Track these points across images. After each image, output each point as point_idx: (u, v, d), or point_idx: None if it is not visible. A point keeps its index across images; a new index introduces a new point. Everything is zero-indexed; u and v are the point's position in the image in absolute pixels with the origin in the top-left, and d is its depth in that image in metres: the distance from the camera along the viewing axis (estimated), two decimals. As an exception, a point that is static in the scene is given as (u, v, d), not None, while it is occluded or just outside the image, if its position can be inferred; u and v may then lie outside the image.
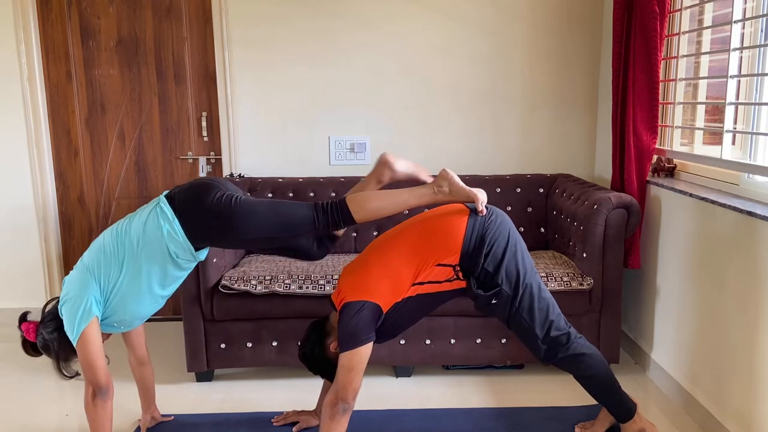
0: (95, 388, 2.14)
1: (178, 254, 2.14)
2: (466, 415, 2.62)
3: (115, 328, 2.28)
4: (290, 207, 2.15)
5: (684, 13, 2.86)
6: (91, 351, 2.11)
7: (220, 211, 2.08)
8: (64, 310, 2.14)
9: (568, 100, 3.64)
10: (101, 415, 2.16)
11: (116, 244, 2.14)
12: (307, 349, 2.29)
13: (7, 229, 3.70)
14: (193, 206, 2.11)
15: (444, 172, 2.19)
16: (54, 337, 2.18)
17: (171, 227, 2.10)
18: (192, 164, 3.74)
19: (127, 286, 2.14)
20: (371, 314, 2.13)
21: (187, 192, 2.15)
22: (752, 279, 2.20)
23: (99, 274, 2.13)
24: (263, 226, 2.11)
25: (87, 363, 2.12)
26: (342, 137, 3.65)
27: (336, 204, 2.13)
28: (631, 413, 2.32)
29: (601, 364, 2.28)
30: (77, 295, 2.12)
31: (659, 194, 2.89)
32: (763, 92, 2.40)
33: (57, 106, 3.67)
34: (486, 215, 2.19)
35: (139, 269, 2.13)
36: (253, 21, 3.52)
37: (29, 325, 2.23)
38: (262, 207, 2.13)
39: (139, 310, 2.23)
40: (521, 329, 2.23)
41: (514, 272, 2.16)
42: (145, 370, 2.48)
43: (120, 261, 2.12)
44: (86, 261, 2.16)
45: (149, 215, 2.13)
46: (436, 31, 3.55)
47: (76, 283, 2.14)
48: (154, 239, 2.10)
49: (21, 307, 3.75)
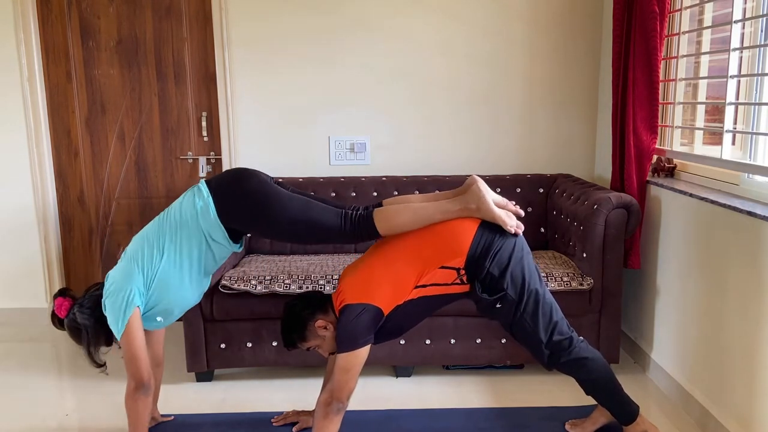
0: (137, 383, 2.15)
1: (212, 234, 2.17)
2: (466, 415, 2.62)
3: (158, 323, 2.29)
4: (321, 212, 2.19)
5: (684, 13, 2.85)
6: (135, 344, 2.13)
7: (254, 197, 2.15)
8: (108, 303, 2.15)
9: (568, 100, 3.64)
10: (141, 409, 2.17)
11: (157, 229, 2.19)
12: (299, 306, 2.26)
13: (7, 229, 3.70)
14: (229, 187, 2.19)
15: (476, 187, 2.16)
16: (89, 323, 2.19)
17: (204, 204, 2.15)
18: (192, 164, 3.74)
19: (168, 271, 2.17)
20: (371, 317, 2.12)
21: (226, 175, 2.25)
22: (752, 279, 2.20)
23: (142, 262, 2.16)
24: (292, 223, 2.17)
25: (131, 356, 2.13)
26: (342, 137, 3.65)
27: (363, 218, 2.17)
28: (634, 416, 2.32)
29: (603, 368, 2.28)
30: (120, 286, 2.14)
31: (659, 194, 2.89)
32: (763, 92, 2.40)
33: (57, 106, 3.67)
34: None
35: (179, 252, 2.17)
36: (253, 21, 3.52)
37: (64, 301, 2.23)
38: (295, 204, 2.18)
39: (181, 298, 2.24)
40: (524, 334, 2.22)
41: (519, 277, 2.15)
42: (157, 370, 2.49)
43: (161, 246, 2.17)
44: (130, 251, 2.20)
45: (186, 196, 2.21)
46: (436, 31, 3.55)
47: (120, 273, 2.17)
48: (189, 218, 2.16)
49: (21, 307, 3.77)
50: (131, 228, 3.79)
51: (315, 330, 2.23)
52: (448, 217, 2.17)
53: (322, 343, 2.27)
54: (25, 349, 3.43)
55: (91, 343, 2.21)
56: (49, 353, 3.41)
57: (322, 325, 2.21)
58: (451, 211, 2.18)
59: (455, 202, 2.19)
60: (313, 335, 2.24)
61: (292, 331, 2.26)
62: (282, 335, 2.29)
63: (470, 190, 2.18)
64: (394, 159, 3.67)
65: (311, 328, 2.23)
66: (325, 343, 2.27)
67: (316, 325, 2.22)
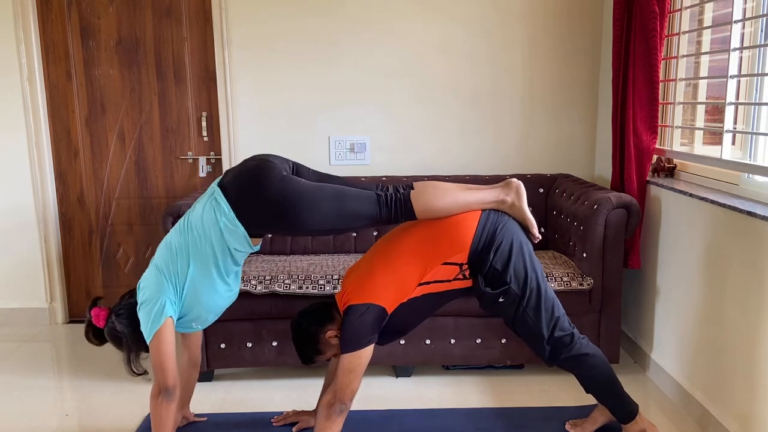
0: (162, 388, 2.15)
1: (237, 247, 2.13)
2: (465, 415, 2.62)
3: (193, 327, 2.29)
4: (354, 202, 2.10)
5: (684, 13, 2.85)
6: (164, 352, 2.12)
7: (280, 203, 2.05)
8: (141, 313, 2.14)
9: (568, 100, 3.64)
10: (164, 415, 2.17)
11: (180, 240, 2.15)
12: (305, 322, 2.24)
13: (7, 228, 3.70)
14: (249, 196, 2.08)
15: (517, 185, 2.19)
16: (128, 332, 2.18)
17: (227, 220, 2.09)
18: (192, 164, 3.74)
19: (198, 280, 2.15)
20: (375, 317, 2.12)
21: (240, 180, 2.11)
22: (752, 279, 2.20)
23: (169, 273, 2.14)
24: (326, 220, 2.08)
25: (158, 363, 2.13)
26: (342, 137, 3.65)
27: (400, 202, 2.10)
28: (633, 414, 2.32)
29: (603, 365, 2.28)
30: (153, 297, 2.13)
31: (659, 194, 2.89)
32: (763, 92, 2.40)
33: (57, 106, 3.67)
34: (498, 213, 2.20)
35: (206, 261, 2.13)
36: (253, 21, 3.52)
37: (100, 311, 2.22)
38: (325, 199, 2.07)
39: (213, 303, 2.23)
40: (527, 329, 2.22)
41: (522, 270, 2.16)
42: (194, 371, 2.49)
43: (186, 256, 2.14)
44: (157, 262, 2.18)
45: (205, 208, 2.13)
46: (436, 31, 3.55)
47: (152, 285, 2.15)
48: (213, 233, 2.11)
49: (21, 307, 3.77)
50: (131, 228, 3.79)
51: (327, 341, 2.22)
52: (485, 207, 2.18)
53: (337, 351, 2.25)
54: (25, 349, 3.43)
55: (132, 350, 2.21)
56: (49, 353, 3.41)
57: (332, 335, 2.20)
58: (487, 201, 2.18)
59: (491, 193, 2.19)
60: (327, 346, 2.24)
61: (306, 348, 2.25)
62: (298, 354, 2.28)
63: (510, 185, 2.20)
64: (394, 159, 3.67)
65: (323, 340, 2.22)
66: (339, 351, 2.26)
67: (327, 336, 2.21)
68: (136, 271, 3.84)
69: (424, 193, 2.13)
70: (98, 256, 3.82)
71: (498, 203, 2.19)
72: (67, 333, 3.67)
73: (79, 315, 3.86)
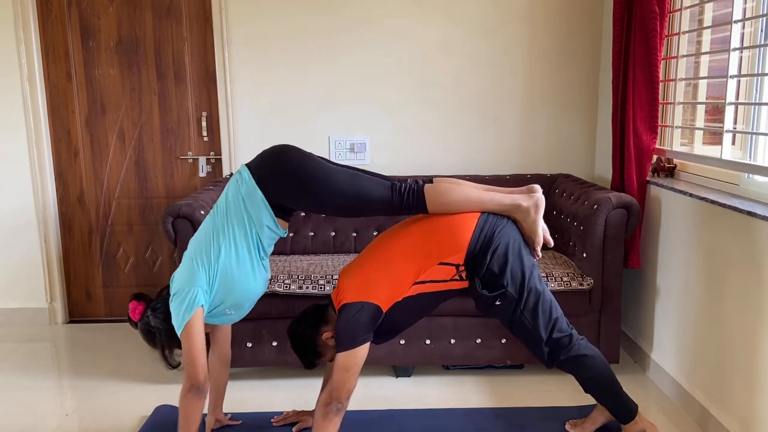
0: (193, 383, 2.13)
1: (261, 218, 2.15)
2: (465, 415, 2.62)
3: (229, 316, 2.27)
4: (368, 183, 2.15)
5: (684, 13, 2.85)
6: (195, 345, 2.11)
7: (299, 171, 2.12)
8: (173, 304, 2.14)
9: (568, 100, 3.64)
10: (193, 410, 2.15)
11: (211, 226, 2.17)
12: (301, 327, 2.25)
13: (8, 228, 3.70)
14: (272, 166, 2.14)
15: (539, 196, 2.18)
16: (163, 327, 2.18)
17: (248, 187, 2.13)
18: (192, 164, 3.74)
19: (229, 265, 2.15)
20: (370, 315, 2.12)
21: (266, 154, 2.20)
22: (752, 279, 2.20)
23: (201, 261, 2.14)
24: (340, 194, 2.13)
25: (189, 357, 2.12)
26: (342, 137, 3.65)
27: (414, 191, 2.14)
28: (633, 414, 2.32)
29: (602, 366, 2.28)
30: (185, 287, 2.12)
31: (659, 194, 2.89)
32: (763, 92, 2.40)
33: (57, 106, 3.67)
34: (496, 216, 2.19)
35: (234, 244, 2.15)
36: (252, 21, 3.52)
37: (138, 305, 2.23)
38: (342, 175, 2.14)
39: (247, 290, 2.22)
40: (525, 331, 2.22)
41: (519, 273, 2.15)
42: (224, 371, 2.47)
43: (218, 239, 2.15)
44: (191, 251, 2.19)
45: (230, 186, 2.19)
46: (436, 31, 3.55)
47: (185, 275, 2.15)
48: (236, 206, 2.14)
49: (21, 307, 3.77)
50: (131, 228, 3.79)
51: (324, 343, 2.22)
52: (498, 209, 2.18)
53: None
54: (25, 349, 3.43)
55: (165, 346, 2.21)
56: (49, 353, 3.41)
57: (329, 336, 2.20)
58: (503, 204, 2.17)
59: (509, 198, 2.18)
60: (326, 348, 2.23)
61: (306, 353, 2.26)
62: (299, 359, 2.29)
63: (531, 194, 2.19)
64: (394, 159, 3.67)
65: (320, 342, 2.22)
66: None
67: (324, 338, 2.21)
68: (136, 271, 3.84)
69: (439, 187, 2.16)
70: (98, 256, 3.83)
71: (514, 207, 2.17)
72: (67, 333, 3.67)
73: (79, 315, 3.87)
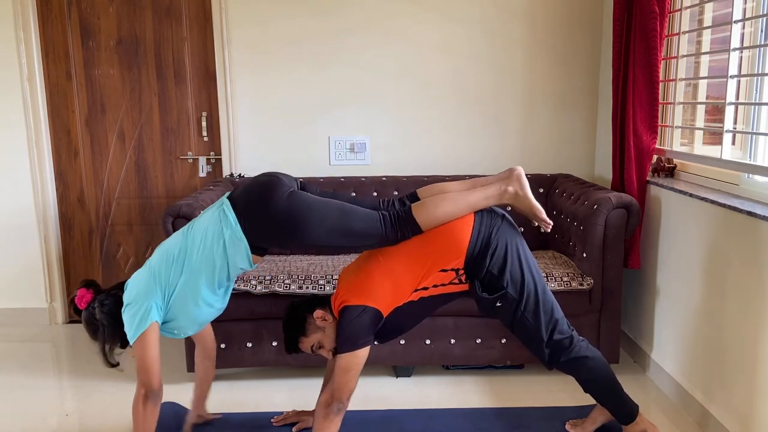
0: (147, 391, 2.13)
1: (237, 262, 2.13)
2: (466, 415, 2.62)
3: (175, 334, 2.27)
4: (359, 221, 2.11)
5: (684, 13, 2.86)
6: (149, 354, 2.10)
7: (286, 219, 2.07)
8: (126, 313, 2.12)
9: (568, 100, 3.64)
10: (149, 418, 2.15)
11: (180, 246, 2.14)
12: (297, 302, 2.26)
13: (8, 229, 3.70)
14: (257, 211, 2.09)
15: (518, 174, 2.15)
16: (107, 323, 2.15)
17: (232, 232, 2.09)
18: (192, 164, 3.74)
19: (187, 292, 2.14)
20: (371, 319, 2.12)
21: (250, 194, 2.12)
22: (752, 279, 2.20)
23: (161, 278, 2.13)
24: (331, 235, 2.10)
25: (143, 365, 2.11)
26: (342, 137, 3.65)
27: (403, 219, 2.12)
28: (633, 415, 2.32)
29: (603, 367, 2.28)
30: (140, 299, 2.11)
31: (659, 194, 2.89)
32: (763, 92, 2.40)
33: (57, 106, 3.67)
34: (491, 216, 2.19)
35: (200, 273, 2.12)
36: (253, 21, 3.52)
37: (86, 293, 2.21)
38: (330, 215, 2.09)
39: (197, 316, 2.21)
40: (526, 332, 2.22)
41: (519, 274, 2.15)
42: (209, 366, 2.47)
43: (181, 265, 2.13)
44: (154, 264, 2.16)
45: (211, 219, 2.13)
46: (436, 31, 3.55)
47: (141, 286, 2.13)
48: (215, 245, 2.10)
49: (21, 307, 3.77)
50: (131, 228, 3.79)
51: (314, 321, 2.21)
52: (489, 203, 2.17)
53: (323, 338, 2.23)
54: (25, 349, 3.43)
55: (107, 341, 2.18)
56: (49, 353, 3.41)
57: (320, 316, 2.19)
58: (491, 196, 2.16)
59: (492, 187, 2.17)
60: (313, 328, 2.22)
61: (291, 327, 2.24)
62: (284, 336, 2.27)
63: (511, 175, 2.17)
64: (394, 159, 3.67)
65: (310, 320, 2.21)
66: (326, 338, 2.23)
67: (315, 316, 2.20)
68: (135, 270, 3.83)
69: (425, 205, 2.14)
70: (98, 256, 3.83)
71: (500, 195, 2.16)
72: (67, 333, 3.67)
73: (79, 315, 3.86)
